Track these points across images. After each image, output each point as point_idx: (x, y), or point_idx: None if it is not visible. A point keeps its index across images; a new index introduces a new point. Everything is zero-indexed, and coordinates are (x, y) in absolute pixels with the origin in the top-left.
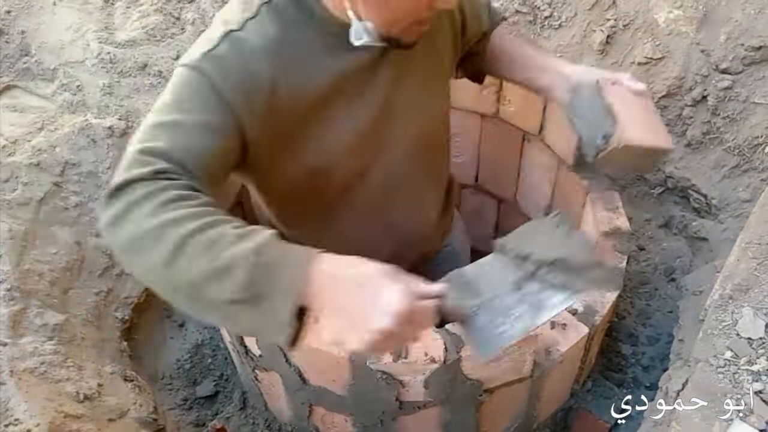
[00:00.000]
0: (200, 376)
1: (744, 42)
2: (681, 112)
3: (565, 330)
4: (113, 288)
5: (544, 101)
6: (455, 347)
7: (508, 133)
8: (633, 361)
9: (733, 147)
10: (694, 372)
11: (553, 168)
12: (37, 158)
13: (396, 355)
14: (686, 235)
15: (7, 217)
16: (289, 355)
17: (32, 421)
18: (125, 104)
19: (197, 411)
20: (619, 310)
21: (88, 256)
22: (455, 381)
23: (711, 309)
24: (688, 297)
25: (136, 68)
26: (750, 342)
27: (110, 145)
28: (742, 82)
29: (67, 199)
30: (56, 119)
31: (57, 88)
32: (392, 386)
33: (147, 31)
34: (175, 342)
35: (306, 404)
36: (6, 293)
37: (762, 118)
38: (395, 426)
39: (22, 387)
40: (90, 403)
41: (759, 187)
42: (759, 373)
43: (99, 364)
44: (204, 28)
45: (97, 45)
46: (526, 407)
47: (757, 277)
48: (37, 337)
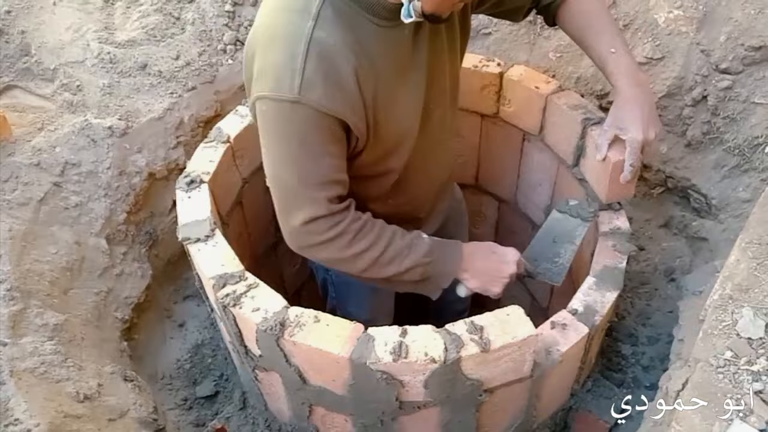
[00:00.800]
0: (200, 376)
1: (744, 42)
2: (681, 112)
3: (565, 330)
4: (113, 288)
5: (545, 101)
6: (455, 347)
7: (508, 133)
8: (633, 361)
9: (733, 147)
10: (694, 372)
11: (553, 168)
12: (37, 158)
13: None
14: (686, 235)
15: (7, 217)
16: (289, 355)
17: (32, 421)
18: (125, 104)
19: (197, 411)
20: (619, 310)
21: (88, 256)
22: (455, 381)
23: (711, 309)
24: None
25: (136, 68)
26: (750, 342)
27: (110, 145)
28: (742, 82)
29: (67, 199)
30: (56, 119)
31: (57, 88)
32: (392, 386)
33: (147, 31)
34: (175, 342)
35: (306, 404)
36: (6, 293)
37: (762, 118)
38: (395, 426)
39: (22, 387)
40: (90, 403)
41: (759, 187)
42: (759, 373)
43: (99, 364)
44: (204, 28)
45: (97, 45)
46: (526, 407)
47: (757, 277)
48: (37, 337)
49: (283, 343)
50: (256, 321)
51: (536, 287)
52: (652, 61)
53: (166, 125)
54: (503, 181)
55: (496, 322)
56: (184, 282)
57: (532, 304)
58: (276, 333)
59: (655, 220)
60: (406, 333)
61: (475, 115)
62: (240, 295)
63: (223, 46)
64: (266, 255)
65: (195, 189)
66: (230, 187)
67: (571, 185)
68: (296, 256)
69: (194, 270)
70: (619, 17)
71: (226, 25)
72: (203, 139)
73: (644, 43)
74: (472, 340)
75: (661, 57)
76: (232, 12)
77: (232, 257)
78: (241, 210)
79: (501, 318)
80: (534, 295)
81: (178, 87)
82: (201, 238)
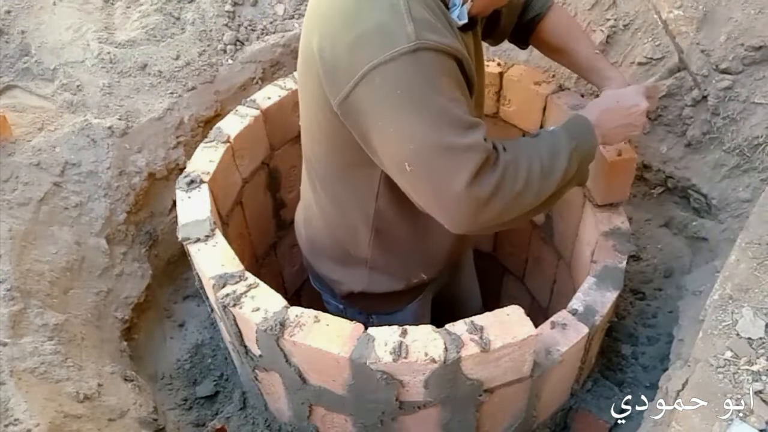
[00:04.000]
0: (200, 376)
1: (744, 42)
2: (681, 112)
3: (565, 330)
4: (113, 288)
5: (545, 101)
6: (455, 347)
7: (508, 133)
8: (633, 361)
9: (733, 147)
10: (694, 372)
11: None
12: (37, 158)
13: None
14: (686, 235)
15: (7, 217)
16: (289, 355)
17: (32, 421)
18: (125, 104)
19: (197, 411)
20: (619, 310)
21: (88, 256)
22: (455, 381)
23: (711, 309)
24: (688, 297)
25: (136, 68)
26: (750, 342)
27: (110, 145)
28: (742, 82)
29: (67, 199)
30: (56, 119)
31: (57, 88)
32: (392, 386)
33: (147, 31)
34: (175, 342)
35: (306, 404)
36: (6, 293)
37: (762, 118)
38: (395, 426)
39: (22, 387)
40: (90, 403)
41: (759, 187)
42: (759, 373)
43: (99, 364)
44: (204, 28)
45: (97, 45)
46: (526, 407)
47: (757, 277)
48: (37, 337)
49: (283, 343)
50: (256, 321)
51: (536, 287)
52: (652, 61)
53: (166, 125)
54: None
55: (496, 322)
56: (184, 282)
57: (532, 304)
58: (276, 333)
59: (655, 220)
60: (406, 333)
61: None
62: (240, 295)
63: (223, 46)
64: (266, 255)
65: (195, 189)
66: (230, 187)
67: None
68: (296, 256)
69: (194, 270)
70: (619, 17)
71: (226, 25)
72: (203, 139)
73: (644, 43)
74: (472, 340)
75: (661, 57)
76: (232, 12)
77: (232, 257)
78: (241, 210)
79: (501, 318)
80: (534, 295)
81: (178, 87)
82: (201, 238)
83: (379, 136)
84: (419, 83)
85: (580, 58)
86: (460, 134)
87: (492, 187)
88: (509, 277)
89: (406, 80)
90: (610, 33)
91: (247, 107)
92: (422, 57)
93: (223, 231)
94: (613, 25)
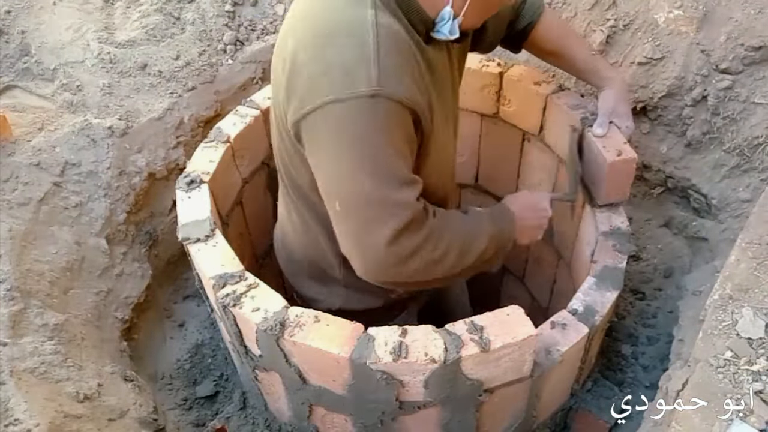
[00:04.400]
0: (200, 376)
1: (744, 42)
2: (681, 112)
3: (565, 330)
4: (113, 288)
5: (545, 101)
6: (455, 347)
7: (508, 133)
8: (633, 361)
9: (733, 147)
10: (694, 372)
11: (553, 168)
12: (37, 158)
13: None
14: (686, 235)
15: (7, 217)
16: (289, 355)
17: (32, 421)
18: (125, 104)
19: (197, 411)
20: (619, 310)
21: (88, 256)
22: (455, 381)
23: (711, 309)
24: (688, 297)
25: (136, 68)
26: (750, 342)
27: (110, 145)
28: (742, 82)
29: (67, 199)
30: (56, 119)
31: (57, 88)
32: (392, 386)
33: (147, 31)
34: (175, 342)
35: (306, 404)
36: (6, 293)
37: (762, 118)
38: (395, 426)
39: (22, 387)
40: (90, 403)
41: (759, 187)
42: (759, 373)
43: (99, 364)
44: (204, 28)
45: (97, 45)
46: (526, 407)
47: (757, 277)
48: (37, 337)
49: (283, 343)
50: (256, 321)
51: (536, 287)
52: (652, 61)
53: (166, 125)
54: (503, 180)
55: (496, 322)
56: (184, 282)
57: (532, 304)
58: (276, 333)
59: (655, 220)
60: (406, 333)
61: (475, 115)
62: (240, 295)
63: (223, 46)
64: (266, 255)
65: (195, 189)
66: (230, 187)
67: None
68: None
69: (194, 270)
70: (619, 17)
71: (226, 25)
72: (203, 139)
73: (644, 43)
74: (472, 340)
75: (661, 57)
76: (232, 12)
77: (232, 257)
78: (241, 210)
79: (501, 318)
80: (534, 295)
81: (178, 87)
82: (201, 238)
83: (320, 167)
84: (370, 129)
85: (577, 61)
86: (395, 189)
87: (412, 249)
88: (509, 277)
89: (359, 123)
90: (610, 33)
91: (247, 107)
92: (379, 104)
93: (223, 231)
94: (613, 25)
